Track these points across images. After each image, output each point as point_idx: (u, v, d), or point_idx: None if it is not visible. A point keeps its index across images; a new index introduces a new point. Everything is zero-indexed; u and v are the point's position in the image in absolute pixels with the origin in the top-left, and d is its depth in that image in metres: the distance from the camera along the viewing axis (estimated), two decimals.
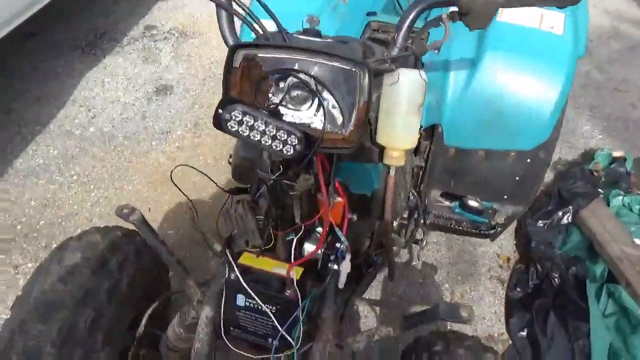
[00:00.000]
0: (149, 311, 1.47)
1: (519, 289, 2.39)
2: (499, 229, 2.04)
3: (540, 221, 2.64)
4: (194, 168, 1.34)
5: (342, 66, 0.80)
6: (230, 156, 1.85)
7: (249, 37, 1.24)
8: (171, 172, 1.25)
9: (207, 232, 1.34)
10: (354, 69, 0.80)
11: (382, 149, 1.09)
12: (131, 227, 1.32)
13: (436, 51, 0.97)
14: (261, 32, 0.97)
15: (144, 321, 1.46)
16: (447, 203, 2.13)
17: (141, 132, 2.98)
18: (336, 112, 0.85)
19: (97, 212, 2.52)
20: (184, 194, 1.32)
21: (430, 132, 1.84)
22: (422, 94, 0.99)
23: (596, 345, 2.04)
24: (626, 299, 2.19)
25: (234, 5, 0.99)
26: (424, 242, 1.99)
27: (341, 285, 1.13)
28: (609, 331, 2.14)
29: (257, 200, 1.24)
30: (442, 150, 1.93)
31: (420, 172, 2.05)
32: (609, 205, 2.75)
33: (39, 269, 1.31)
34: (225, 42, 0.98)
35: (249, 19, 0.98)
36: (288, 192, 1.06)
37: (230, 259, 1.13)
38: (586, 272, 2.40)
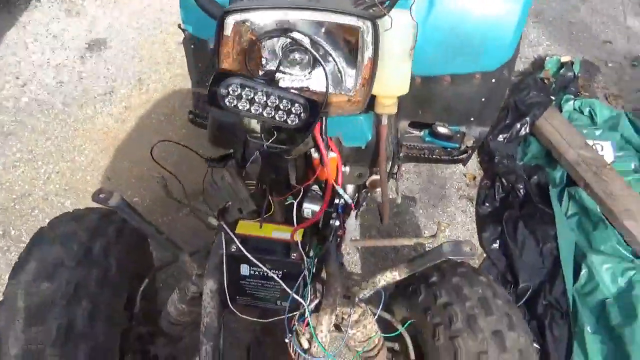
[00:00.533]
0: (141, 288, 1.43)
1: (487, 204, 2.50)
2: (470, 151, 2.08)
3: (500, 135, 2.71)
4: (177, 143, 1.24)
5: (343, 22, 0.73)
6: (190, 112, 1.74)
7: None
8: (151, 150, 1.15)
9: (192, 203, 1.27)
10: (356, 24, 0.73)
11: (372, 98, 1.05)
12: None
13: None
14: None
15: (138, 299, 1.42)
16: (416, 132, 2.13)
17: (81, 95, 2.74)
18: (339, 72, 0.79)
19: (51, 189, 2.36)
20: (168, 171, 1.23)
21: None
22: (414, 36, 0.94)
23: (563, 246, 2.20)
24: (586, 199, 2.34)
25: None
26: (398, 175, 2.01)
27: (347, 241, 1.12)
28: (572, 231, 2.30)
29: (244, 165, 1.18)
30: None
31: None
32: (561, 110, 2.86)
33: (18, 269, 1.22)
34: (202, 6, 0.86)
35: None
36: (283, 156, 1.01)
37: (229, 230, 1.09)
38: (547, 178, 2.53)
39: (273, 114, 0.75)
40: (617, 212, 2.26)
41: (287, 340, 1.15)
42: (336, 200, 1.12)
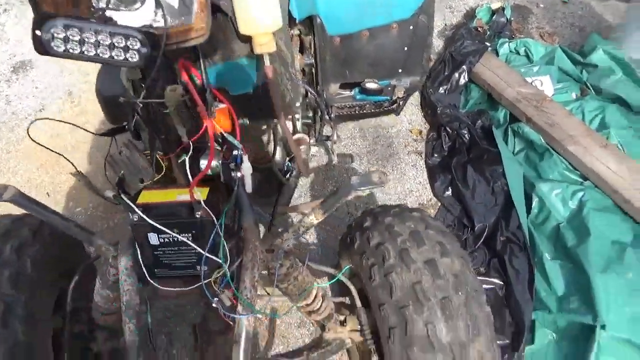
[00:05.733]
0: (71, 286, 1.39)
1: (435, 155, 2.49)
2: (401, 102, 2.07)
3: (440, 88, 2.71)
4: (56, 120, 1.19)
5: None
6: None
7: None
8: (27, 128, 1.10)
9: (91, 180, 1.22)
10: None
11: (250, 40, 1.02)
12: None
13: None
14: None
15: (69, 298, 1.38)
16: (347, 93, 2.11)
17: (10, 118, 2.67)
18: (174, 2, 0.75)
19: None
20: (49, 149, 1.18)
21: (308, 24, 1.78)
22: None
23: (512, 180, 2.20)
24: (529, 133, 2.35)
25: None
26: (334, 137, 1.99)
27: (249, 189, 1.09)
28: (521, 165, 2.31)
29: (139, 133, 1.14)
30: (327, 41, 1.88)
31: (313, 70, 2.01)
32: (498, 55, 2.87)
33: None
34: None
35: None
36: (162, 111, 0.97)
37: (127, 200, 1.05)
38: (491, 120, 2.53)
39: (109, 53, 0.72)
40: (560, 139, 2.27)
41: (214, 305, 1.12)
42: (234, 152, 1.09)
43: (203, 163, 1.09)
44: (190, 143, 1.02)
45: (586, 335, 1.63)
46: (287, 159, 1.68)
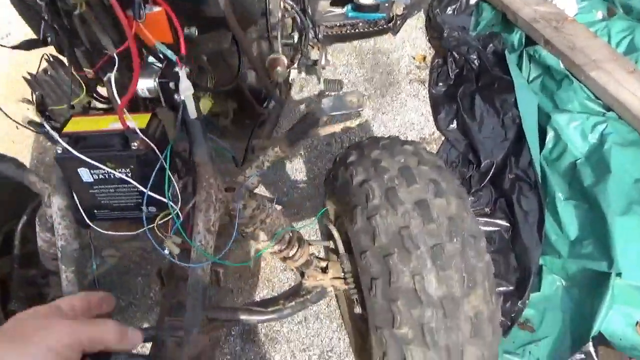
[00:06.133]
0: (19, 228, 1.24)
1: (440, 84, 2.24)
2: (399, 20, 1.81)
3: (448, 8, 2.42)
4: None
5: None
6: None
7: None
8: None
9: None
10: None
11: None
12: None
13: None
14: None
15: (16, 240, 1.23)
16: (338, 10, 1.86)
17: None
18: None
19: None
20: None
21: None
22: None
23: (524, 111, 1.97)
24: (547, 57, 2.08)
25: None
26: (323, 61, 1.75)
27: (192, 114, 0.89)
28: (536, 94, 2.06)
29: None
30: None
31: None
32: None
33: None
34: None
35: None
36: (72, 10, 0.75)
37: (49, 128, 0.86)
38: (504, 44, 2.25)
39: None
40: (582, 64, 2.00)
41: (165, 253, 0.95)
42: (176, 69, 0.87)
43: (141, 82, 0.88)
44: (116, 56, 0.81)
45: (599, 283, 1.47)
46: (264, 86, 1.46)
